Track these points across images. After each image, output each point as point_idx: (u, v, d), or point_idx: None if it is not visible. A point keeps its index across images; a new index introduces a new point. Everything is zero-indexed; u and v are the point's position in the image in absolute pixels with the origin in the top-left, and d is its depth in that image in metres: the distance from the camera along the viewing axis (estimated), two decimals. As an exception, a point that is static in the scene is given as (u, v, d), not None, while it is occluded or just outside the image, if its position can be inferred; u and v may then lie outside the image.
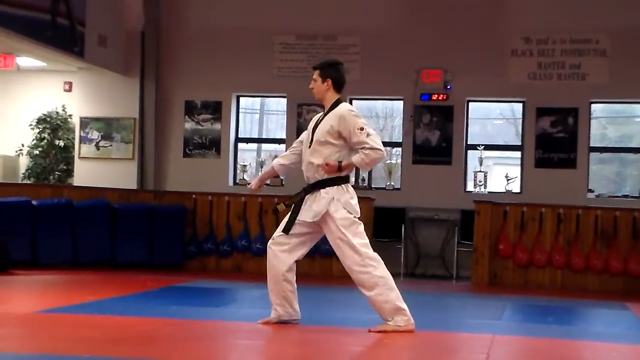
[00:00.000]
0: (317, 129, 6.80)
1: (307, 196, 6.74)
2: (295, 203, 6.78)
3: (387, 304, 6.58)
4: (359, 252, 6.56)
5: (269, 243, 6.86)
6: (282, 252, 6.72)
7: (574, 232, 12.18)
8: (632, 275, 11.96)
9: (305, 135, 6.98)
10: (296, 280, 6.80)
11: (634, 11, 13.80)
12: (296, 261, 6.81)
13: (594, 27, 13.97)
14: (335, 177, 6.69)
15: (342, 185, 6.70)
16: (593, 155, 14.25)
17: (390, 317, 6.60)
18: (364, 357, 5.99)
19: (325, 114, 6.84)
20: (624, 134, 14.70)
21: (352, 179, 14.24)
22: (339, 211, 6.59)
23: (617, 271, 11.99)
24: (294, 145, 7.19)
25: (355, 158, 6.65)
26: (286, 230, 6.73)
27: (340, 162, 6.63)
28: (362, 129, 6.60)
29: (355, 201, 6.70)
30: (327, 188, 6.64)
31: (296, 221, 6.72)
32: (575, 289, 11.96)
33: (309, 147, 6.79)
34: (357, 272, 6.58)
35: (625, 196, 14.10)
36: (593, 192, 14.08)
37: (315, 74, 6.96)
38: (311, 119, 7.14)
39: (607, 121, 14.67)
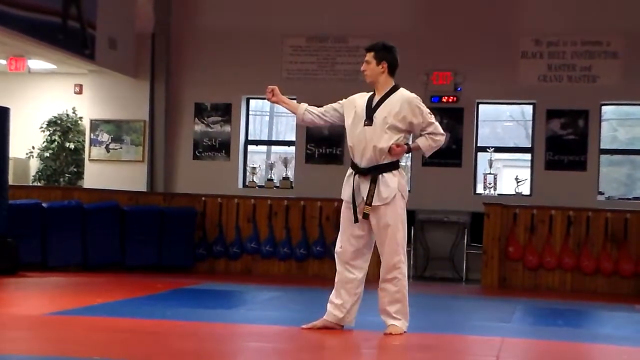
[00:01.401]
0: (379, 110, 6.65)
1: (359, 178, 6.66)
2: (352, 188, 6.67)
3: (402, 301, 6.68)
4: (400, 245, 6.66)
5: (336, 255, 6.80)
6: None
7: (584, 234, 12.18)
8: (643, 278, 11.99)
9: (347, 110, 6.82)
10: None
11: (645, 13, 13.82)
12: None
13: (606, 29, 13.95)
14: (396, 162, 6.68)
15: (400, 170, 6.74)
16: (603, 157, 14.22)
17: (400, 317, 6.63)
18: (373, 359, 5.97)
19: (383, 97, 6.71)
20: (634, 136, 14.69)
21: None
22: (400, 199, 6.67)
23: (628, 273, 11.98)
24: (325, 109, 6.98)
25: (422, 141, 6.69)
26: (356, 220, 6.62)
27: (408, 144, 6.66)
28: (430, 114, 6.68)
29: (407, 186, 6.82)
30: (393, 171, 6.63)
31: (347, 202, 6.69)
32: (585, 291, 11.96)
33: (368, 126, 6.62)
34: (393, 263, 6.62)
35: (636, 198, 14.10)
36: (603, 194, 14.08)
37: (369, 56, 6.78)
38: None
39: (618, 123, 14.66)
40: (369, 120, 6.61)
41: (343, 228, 6.74)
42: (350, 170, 6.76)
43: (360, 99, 6.82)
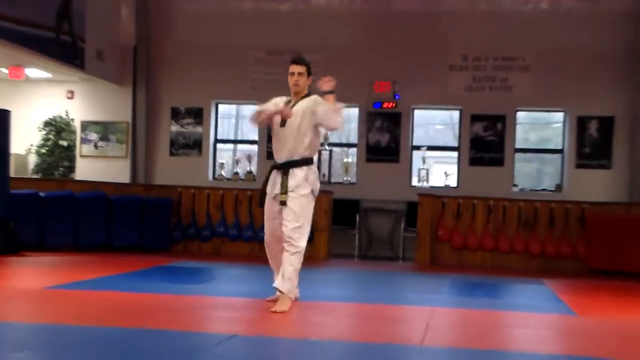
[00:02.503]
0: (295, 115, 6.45)
1: (275, 172, 6.54)
2: (266, 180, 6.61)
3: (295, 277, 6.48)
4: (302, 226, 6.41)
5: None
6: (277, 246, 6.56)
7: (501, 220, 12.32)
8: (548, 257, 12.14)
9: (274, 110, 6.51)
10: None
11: (554, 34, 14.01)
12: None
13: (520, 47, 14.14)
14: (308, 158, 6.52)
15: (311, 166, 6.56)
16: (517, 155, 14.41)
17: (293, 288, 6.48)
18: (317, 326, 6.00)
19: (297, 101, 6.55)
20: (543, 137, 14.91)
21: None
22: (306, 188, 6.45)
23: (536, 253, 12.16)
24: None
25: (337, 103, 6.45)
26: (261, 204, 6.61)
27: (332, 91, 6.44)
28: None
29: (318, 182, 6.62)
30: (302, 167, 6.47)
31: (268, 194, 6.56)
32: (501, 268, 12.07)
33: (282, 127, 6.48)
34: (293, 241, 6.36)
35: (544, 190, 14.33)
36: (517, 186, 14.27)
37: (303, 69, 6.55)
38: None
39: (529, 126, 14.86)
40: (283, 123, 6.48)
41: (266, 219, 6.64)
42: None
43: (281, 102, 6.63)
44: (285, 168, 6.49)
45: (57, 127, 15.53)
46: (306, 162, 6.54)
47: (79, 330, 5.17)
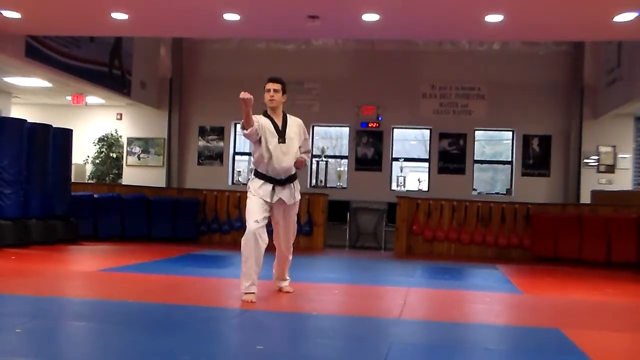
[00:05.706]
0: (287, 131, 5.67)
1: (275, 186, 5.61)
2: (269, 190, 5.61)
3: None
4: (295, 229, 6.11)
5: (254, 229, 5.55)
6: (264, 234, 5.61)
7: (463, 217, 12.32)
8: (500, 247, 12.14)
9: (260, 128, 5.61)
10: (270, 250, 6.22)
11: (504, 69, 14.04)
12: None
13: (477, 80, 14.15)
14: (296, 172, 5.79)
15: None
16: (476, 165, 14.41)
17: (288, 277, 6.28)
18: (315, 302, 5.97)
19: (284, 121, 5.75)
20: (496, 151, 14.91)
21: (314, 181, 14.42)
22: (298, 198, 5.92)
23: (491, 244, 12.15)
24: (257, 127, 5.62)
25: (305, 157, 5.77)
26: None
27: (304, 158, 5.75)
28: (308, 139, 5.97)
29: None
30: (296, 180, 5.80)
31: (273, 202, 5.61)
32: (463, 256, 12.11)
33: (282, 143, 5.60)
34: (290, 242, 6.04)
35: (497, 193, 14.32)
36: (476, 190, 14.26)
37: (278, 87, 5.76)
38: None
39: (485, 142, 14.86)
40: (282, 139, 5.63)
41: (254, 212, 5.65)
42: (261, 181, 5.62)
43: (261, 120, 5.71)
44: (288, 182, 5.68)
45: (109, 142, 15.56)
46: (296, 175, 5.86)
47: (125, 304, 5.14)
